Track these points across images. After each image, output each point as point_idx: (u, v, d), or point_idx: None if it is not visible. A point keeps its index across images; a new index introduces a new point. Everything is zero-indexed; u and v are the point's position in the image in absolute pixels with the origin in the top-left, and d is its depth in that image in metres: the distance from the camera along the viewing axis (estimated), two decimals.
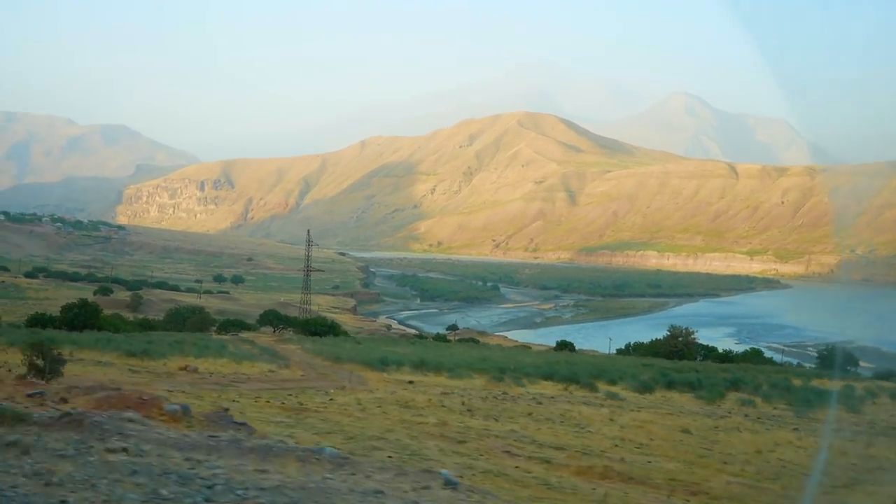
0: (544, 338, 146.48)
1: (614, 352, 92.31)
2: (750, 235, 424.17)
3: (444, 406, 25.18)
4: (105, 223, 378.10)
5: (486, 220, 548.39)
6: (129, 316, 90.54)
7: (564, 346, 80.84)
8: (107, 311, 72.15)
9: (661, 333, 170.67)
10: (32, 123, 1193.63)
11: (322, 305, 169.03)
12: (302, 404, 22.64)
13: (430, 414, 22.68)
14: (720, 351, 78.85)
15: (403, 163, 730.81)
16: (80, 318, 55.64)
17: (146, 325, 71.96)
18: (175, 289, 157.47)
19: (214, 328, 76.74)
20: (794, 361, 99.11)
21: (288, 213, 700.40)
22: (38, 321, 54.49)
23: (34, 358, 20.97)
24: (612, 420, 24.71)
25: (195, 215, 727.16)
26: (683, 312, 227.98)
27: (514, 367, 42.56)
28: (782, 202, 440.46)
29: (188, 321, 78.93)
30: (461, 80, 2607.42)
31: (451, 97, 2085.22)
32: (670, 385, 38.78)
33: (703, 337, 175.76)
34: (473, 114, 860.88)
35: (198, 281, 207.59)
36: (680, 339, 71.75)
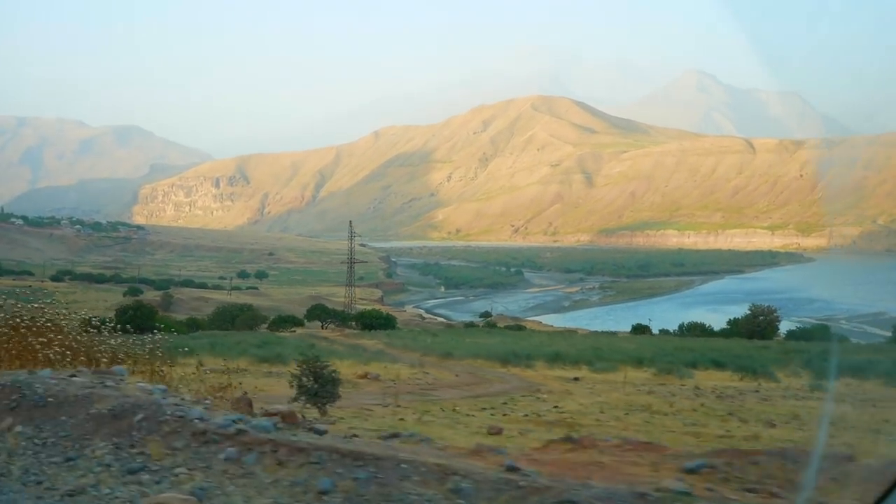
0: (575, 321, 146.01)
1: (663, 333, 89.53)
2: (770, 210, 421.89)
3: (703, 409, 22.80)
4: (124, 224, 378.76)
5: (504, 205, 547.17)
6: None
7: (641, 329, 79.53)
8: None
9: (691, 312, 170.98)
10: (43, 127, 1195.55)
11: (323, 297, 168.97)
12: (569, 420, 19.21)
13: (712, 423, 19.57)
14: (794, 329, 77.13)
15: (418, 151, 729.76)
16: (137, 321, 54.68)
17: (195, 325, 70.07)
18: (202, 286, 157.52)
19: (266, 325, 75.47)
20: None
21: (304, 207, 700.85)
22: (92, 325, 53.25)
23: (304, 378, 17.77)
24: None
25: (212, 212, 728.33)
26: (710, 290, 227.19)
27: (650, 355, 40.58)
28: (801, 175, 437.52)
29: (238, 319, 77.08)
30: (473, 68, 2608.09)
31: (464, 86, 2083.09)
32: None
33: (732, 313, 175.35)
34: (485, 100, 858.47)
35: (222, 278, 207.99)
36: (762, 317, 69.56)
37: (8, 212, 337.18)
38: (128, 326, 16.10)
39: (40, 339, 11.91)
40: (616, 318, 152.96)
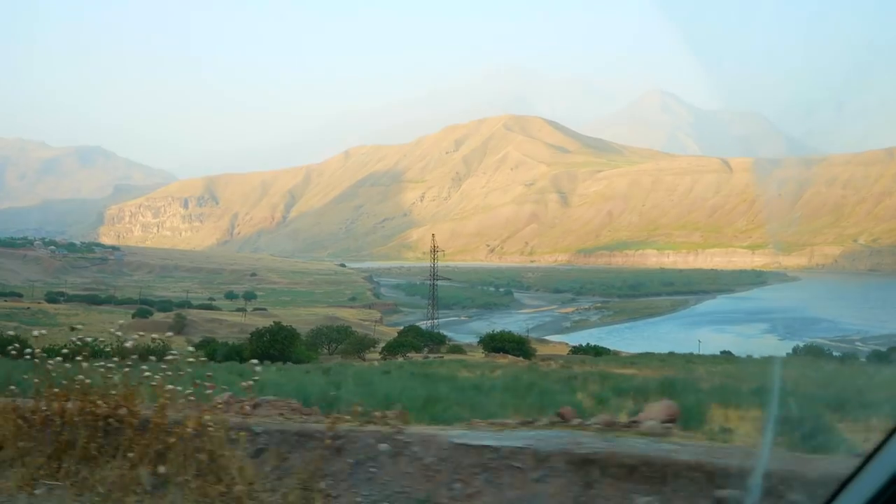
0: (581, 341, 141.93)
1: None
2: (749, 229, 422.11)
3: None
4: (98, 244, 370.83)
5: (479, 225, 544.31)
6: (177, 339, 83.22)
7: (728, 356, 73.79)
8: (152, 335, 65.18)
9: (698, 332, 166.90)
10: (4, 147, 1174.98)
11: (348, 319, 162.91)
12: None
13: None
14: None
15: (390, 171, 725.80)
16: (276, 347, 47.29)
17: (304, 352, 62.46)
18: (208, 307, 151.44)
19: (379, 350, 67.92)
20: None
21: (275, 227, 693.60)
22: (218, 353, 44.96)
23: None
24: None
25: (180, 233, 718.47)
26: (708, 310, 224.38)
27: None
28: (779, 195, 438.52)
29: (343, 344, 70.20)
30: (436, 86, 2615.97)
31: (428, 103, 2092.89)
32: None
33: (741, 334, 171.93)
34: (450, 120, 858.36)
35: (211, 299, 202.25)
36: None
37: None
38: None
39: None
40: (621, 339, 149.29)
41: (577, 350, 77.38)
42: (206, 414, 6.44)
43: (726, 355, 76.61)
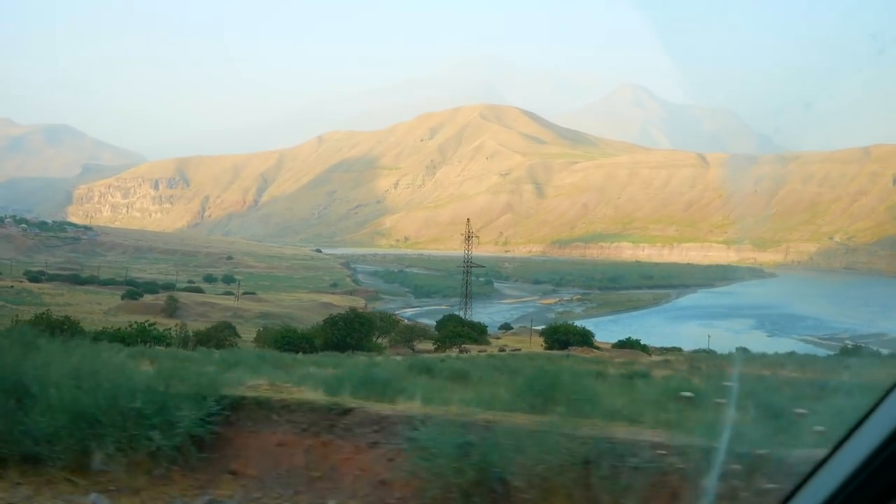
0: None
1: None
2: (725, 224, 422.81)
3: None
4: (71, 224, 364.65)
5: (453, 214, 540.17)
6: (170, 322, 78.78)
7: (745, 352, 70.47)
8: (141, 318, 61.67)
9: (685, 327, 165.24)
10: None
11: (333, 305, 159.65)
12: None
13: None
14: None
15: (364, 157, 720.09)
16: (352, 336, 43.41)
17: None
18: (197, 290, 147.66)
19: (433, 341, 63.32)
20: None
21: (246, 211, 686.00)
22: (288, 341, 41.01)
23: None
24: None
25: (150, 214, 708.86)
26: (689, 304, 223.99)
27: None
28: (755, 191, 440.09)
29: (392, 333, 65.36)
30: (410, 75, 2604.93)
31: (401, 91, 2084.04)
32: None
33: (729, 329, 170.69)
34: (424, 108, 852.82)
35: (190, 282, 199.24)
36: None
37: None
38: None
39: None
40: (612, 332, 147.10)
41: (621, 344, 73.86)
42: None
43: (743, 351, 74.32)
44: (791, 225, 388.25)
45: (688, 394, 9.64)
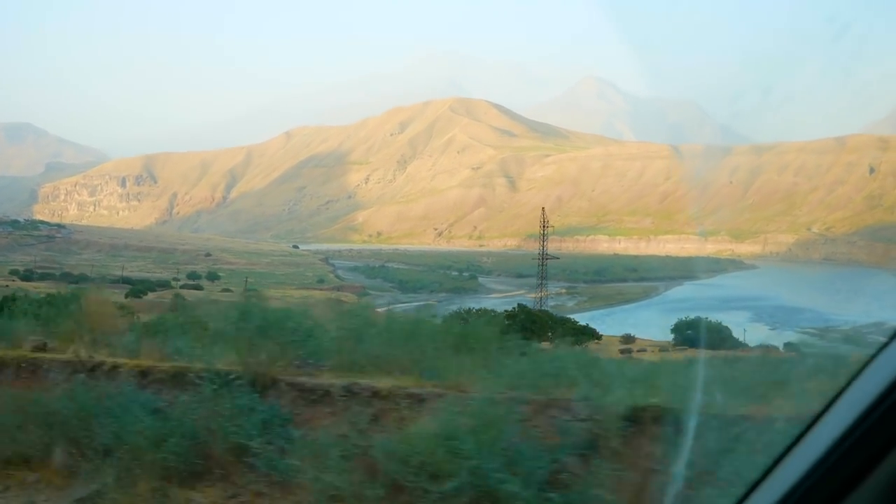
0: None
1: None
2: (701, 216, 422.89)
3: None
4: (44, 222, 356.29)
5: (426, 208, 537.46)
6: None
7: None
8: (151, 316, 57.60)
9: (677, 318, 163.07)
10: None
11: (343, 301, 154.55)
12: None
13: None
14: None
15: (333, 152, 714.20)
16: (535, 330, 40.20)
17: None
18: (197, 288, 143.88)
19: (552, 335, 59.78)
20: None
21: (215, 208, 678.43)
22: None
23: None
24: None
25: (118, 212, 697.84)
26: (680, 296, 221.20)
27: None
28: (731, 182, 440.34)
29: (486, 329, 59.97)
30: (376, 70, 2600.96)
31: (366, 86, 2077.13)
32: None
33: (727, 322, 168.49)
34: (390, 102, 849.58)
35: (175, 279, 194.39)
36: None
37: None
38: None
39: None
40: (609, 326, 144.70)
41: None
42: None
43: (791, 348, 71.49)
44: (768, 216, 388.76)
45: None
